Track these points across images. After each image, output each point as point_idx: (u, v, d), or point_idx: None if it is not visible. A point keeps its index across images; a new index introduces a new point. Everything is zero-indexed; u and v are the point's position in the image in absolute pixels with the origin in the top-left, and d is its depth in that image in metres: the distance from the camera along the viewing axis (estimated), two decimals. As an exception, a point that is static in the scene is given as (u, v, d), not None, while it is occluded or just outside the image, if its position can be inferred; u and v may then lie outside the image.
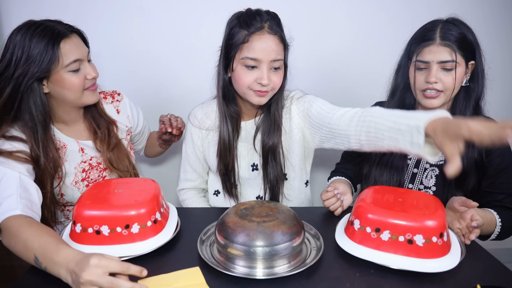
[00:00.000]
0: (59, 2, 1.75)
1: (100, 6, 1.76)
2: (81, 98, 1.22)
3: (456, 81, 1.19)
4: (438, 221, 0.91)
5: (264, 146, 1.32)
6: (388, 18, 1.86)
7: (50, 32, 1.12)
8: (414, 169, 1.33)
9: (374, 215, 0.94)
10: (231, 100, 1.33)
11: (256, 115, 1.38)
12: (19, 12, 1.76)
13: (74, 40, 1.17)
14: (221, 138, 1.34)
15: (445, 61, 1.18)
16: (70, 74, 1.16)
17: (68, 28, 1.18)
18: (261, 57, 1.18)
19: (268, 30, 1.18)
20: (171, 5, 1.77)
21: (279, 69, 1.23)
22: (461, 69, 1.19)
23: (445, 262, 0.90)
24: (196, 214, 1.24)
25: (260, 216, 0.93)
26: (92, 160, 1.32)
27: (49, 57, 1.11)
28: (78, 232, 0.96)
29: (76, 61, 1.16)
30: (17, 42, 1.11)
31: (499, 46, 1.91)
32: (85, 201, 0.99)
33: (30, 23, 1.15)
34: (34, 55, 1.10)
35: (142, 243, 0.97)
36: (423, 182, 1.31)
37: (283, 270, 0.89)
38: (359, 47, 1.90)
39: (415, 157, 1.33)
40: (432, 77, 1.19)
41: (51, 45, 1.11)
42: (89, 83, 1.22)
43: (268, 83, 1.20)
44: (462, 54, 1.18)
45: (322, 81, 1.95)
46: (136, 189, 1.06)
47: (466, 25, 1.21)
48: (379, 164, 1.34)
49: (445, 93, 1.21)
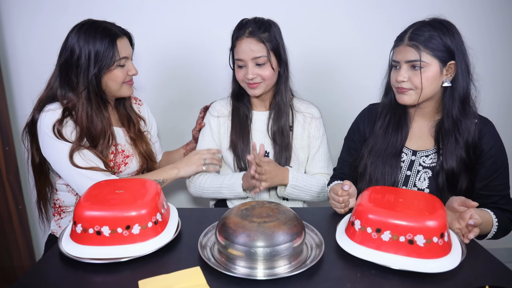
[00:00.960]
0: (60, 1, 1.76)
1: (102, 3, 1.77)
2: (120, 90, 1.40)
3: (426, 80, 1.21)
4: (438, 222, 0.91)
5: (273, 129, 1.53)
6: (388, 18, 1.86)
7: (109, 32, 1.32)
8: (407, 171, 1.33)
9: (374, 215, 0.94)
10: (241, 95, 1.56)
11: (269, 109, 1.56)
12: (20, 10, 1.77)
13: (125, 41, 1.38)
14: (234, 121, 1.54)
15: (411, 60, 1.22)
16: (118, 68, 1.35)
17: (121, 30, 1.38)
18: (243, 57, 1.42)
19: (247, 35, 1.41)
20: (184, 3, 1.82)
21: (264, 64, 1.43)
22: (432, 68, 1.21)
23: (446, 262, 0.90)
24: (197, 214, 1.24)
25: (261, 217, 0.93)
26: (118, 147, 1.43)
27: (112, 53, 1.31)
28: (78, 232, 0.96)
29: (124, 58, 1.35)
30: (83, 39, 1.29)
31: (491, 46, 1.92)
32: (86, 202, 0.99)
33: (91, 22, 1.34)
34: (101, 52, 1.30)
35: (143, 244, 0.97)
36: (416, 184, 1.31)
37: (284, 271, 0.89)
38: (359, 47, 1.91)
39: (408, 160, 1.34)
40: (400, 76, 1.24)
41: (111, 43, 1.31)
42: (129, 78, 1.41)
43: (253, 77, 1.42)
44: (432, 54, 1.20)
45: (322, 81, 1.95)
46: (137, 190, 1.06)
47: (443, 26, 1.22)
48: (374, 163, 1.35)
49: (416, 91, 1.24)
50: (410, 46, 1.21)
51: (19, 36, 1.80)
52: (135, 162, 1.48)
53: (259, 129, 1.55)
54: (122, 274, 0.90)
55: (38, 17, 1.78)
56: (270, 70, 1.44)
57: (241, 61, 1.43)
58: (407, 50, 1.22)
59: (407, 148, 1.35)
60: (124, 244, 0.96)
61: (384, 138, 1.36)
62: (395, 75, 1.27)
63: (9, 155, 1.83)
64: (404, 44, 1.23)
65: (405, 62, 1.23)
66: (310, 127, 1.56)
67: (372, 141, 1.38)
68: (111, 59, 1.31)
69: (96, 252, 0.94)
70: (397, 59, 1.26)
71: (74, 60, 1.30)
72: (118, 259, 0.93)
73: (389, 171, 1.33)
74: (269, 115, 1.54)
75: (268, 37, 1.41)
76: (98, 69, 1.30)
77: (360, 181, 1.39)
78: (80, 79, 1.31)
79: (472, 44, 1.27)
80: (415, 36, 1.22)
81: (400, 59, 1.24)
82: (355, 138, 1.47)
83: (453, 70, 1.24)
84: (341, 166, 1.51)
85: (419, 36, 1.21)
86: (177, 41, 1.86)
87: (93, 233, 0.95)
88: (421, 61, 1.20)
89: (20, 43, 1.81)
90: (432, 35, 1.20)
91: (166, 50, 1.87)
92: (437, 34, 1.21)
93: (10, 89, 1.87)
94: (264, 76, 1.43)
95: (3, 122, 1.80)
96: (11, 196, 1.88)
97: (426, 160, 1.31)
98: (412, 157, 1.33)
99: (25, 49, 1.82)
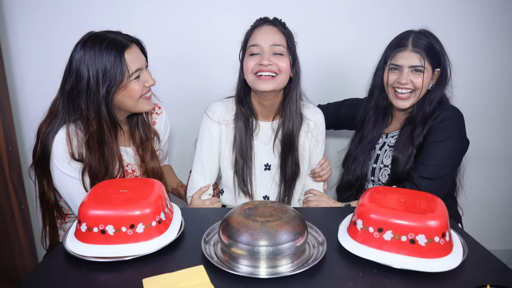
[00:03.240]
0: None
1: (105, 6, 1.79)
2: (137, 105, 1.28)
3: (423, 84, 1.37)
4: (440, 221, 0.92)
5: (281, 140, 1.41)
6: (390, 20, 1.88)
7: (115, 45, 1.18)
8: (379, 151, 1.52)
9: (376, 215, 0.95)
10: (246, 101, 1.42)
11: (274, 119, 1.44)
12: (23, 11, 1.78)
13: (134, 50, 1.24)
14: (236, 134, 1.40)
15: (415, 65, 1.36)
16: (133, 83, 1.23)
17: (128, 39, 1.24)
18: (261, 42, 1.30)
19: (267, 23, 1.34)
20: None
21: (282, 55, 1.32)
22: (427, 74, 1.38)
23: (447, 262, 0.91)
24: (200, 214, 1.25)
25: (264, 216, 0.94)
26: (128, 167, 1.36)
27: (120, 69, 1.17)
28: (83, 231, 0.97)
29: (137, 70, 1.23)
30: (88, 57, 1.17)
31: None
32: (91, 201, 1.00)
33: (94, 36, 1.20)
34: (109, 68, 1.16)
35: (147, 242, 0.98)
36: (383, 162, 1.49)
37: (287, 270, 0.90)
38: (361, 49, 1.92)
39: (382, 142, 1.53)
40: (403, 79, 1.37)
41: (118, 58, 1.17)
42: (146, 90, 1.28)
43: (269, 63, 1.29)
44: (430, 61, 1.36)
45: (325, 83, 1.97)
46: (141, 189, 1.07)
47: (434, 36, 1.41)
48: (351, 156, 1.57)
49: (415, 93, 1.40)
50: (415, 52, 1.35)
51: (22, 37, 1.82)
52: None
53: (263, 141, 1.44)
54: (126, 272, 0.91)
55: (41, 18, 1.79)
56: (287, 62, 1.31)
57: (256, 47, 1.30)
58: (411, 56, 1.35)
59: (384, 133, 1.55)
60: (128, 243, 0.97)
61: (366, 133, 1.55)
62: (395, 76, 1.39)
63: (12, 156, 1.84)
64: (408, 50, 1.36)
65: (409, 66, 1.36)
66: (313, 136, 1.46)
67: (358, 137, 1.58)
68: (120, 75, 1.18)
69: (101, 250, 0.95)
70: (399, 64, 1.38)
71: (83, 85, 1.18)
72: (122, 258, 0.94)
73: (359, 164, 1.54)
74: (274, 125, 1.43)
75: (288, 34, 1.35)
76: (107, 89, 1.18)
77: (344, 172, 1.62)
78: (90, 104, 1.19)
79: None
80: (418, 43, 1.36)
81: (403, 64, 1.37)
82: (346, 104, 1.74)
83: (436, 76, 1.41)
84: (325, 109, 1.71)
85: (421, 43, 1.35)
86: (181, 42, 1.87)
87: (97, 232, 0.96)
88: (424, 67, 1.35)
89: (23, 43, 1.82)
90: (430, 43, 1.36)
91: (170, 51, 1.88)
92: (432, 43, 1.37)
93: (13, 89, 1.88)
94: (281, 67, 1.30)
95: (6, 123, 1.81)
96: (14, 196, 1.89)
97: (392, 140, 1.49)
98: (385, 139, 1.51)
99: (28, 50, 1.83)
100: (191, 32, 1.86)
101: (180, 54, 1.88)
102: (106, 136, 1.24)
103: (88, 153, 1.23)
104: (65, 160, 1.22)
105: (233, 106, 1.44)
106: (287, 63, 1.31)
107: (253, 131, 1.42)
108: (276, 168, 1.44)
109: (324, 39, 1.90)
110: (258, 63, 1.30)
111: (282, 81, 1.33)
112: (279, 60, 1.30)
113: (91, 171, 1.24)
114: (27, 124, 1.37)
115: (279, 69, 1.30)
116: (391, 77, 1.41)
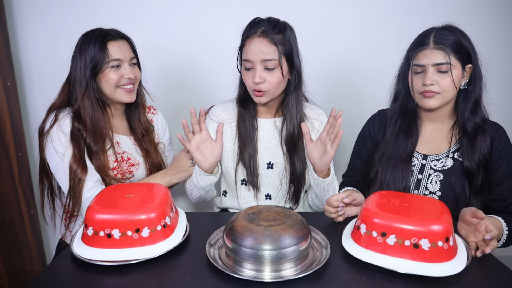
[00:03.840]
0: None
1: (110, 11, 1.82)
2: (115, 93, 1.39)
3: (455, 83, 1.24)
4: (444, 226, 0.92)
5: (285, 136, 1.43)
6: (394, 24, 1.88)
7: (101, 35, 1.35)
8: (419, 175, 1.34)
9: (380, 219, 0.95)
10: (247, 101, 1.45)
11: (275, 116, 1.46)
12: (32, 16, 1.81)
13: (120, 44, 1.38)
14: (240, 130, 1.43)
15: (439, 63, 1.23)
16: (109, 70, 1.36)
17: (118, 34, 1.39)
18: (252, 58, 1.31)
19: (258, 34, 1.30)
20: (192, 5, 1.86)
21: (274, 69, 1.31)
22: (456, 71, 1.24)
23: (451, 267, 0.91)
24: (205, 218, 1.26)
25: (268, 220, 0.94)
26: (124, 154, 1.45)
27: (101, 55, 1.33)
28: (89, 235, 0.99)
29: (115, 60, 1.36)
30: (81, 47, 1.35)
31: (496, 50, 1.93)
32: (97, 205, 1.01)
33: (92, 30, 1.38)
34: (94, 55, 1.33)
35: (152, 246, 0.99)
36: (428, 187, 1.32)
37: (290, 273, 0.90)
38: (365, 54, 1.92)
39: (419, 164, 1.35)
40: (428, 79, 1.24)
41: (100, 45, 1.33)
42: (124, 81, 1.39)
43: (260, 81, 1.30)
44: (456, 57, 1.23)
45: (330, 88, 1.97)
46: (146, 193, 1.08)
47: (460, 30, 1.27)
48: (384, 168, 1.36)
49: (442, 95, 1.25)
50: (438, 49, 1.23)
51: (32, 43, 1.85)
52: (142, 172, 1.48)
53: (265, 138, 1.45)
54: (131, 276, 0.92)
55: (50, 24, 1.83)
56: (278, 76, 1.32)
57: (248, 62, 1.32)
58: (434, 53, 1.24)
59: (417, 152, 1.36)
60: (133, 246, 0.98)
61: (395, 144, 1.37)
62: (420, 79, 1.27)
63: (22, 161, 1.87)
64: (430, 48, 1.25)
65: (432, 65, 1.24)
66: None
67: (384, 147, 1.39)
68: (102, 61, 1.33)
69: (107, 254, 0.97)
70: (422, 63, 1.26)
71: (76, 69, 1.35)
72: (128, 262, 0.95)
73: (400, 176, 1.34)
74: (276, 122, 1.45)
75: (281, 40, 1.31)
76: (91, 72, 1.34)
77: (372, 187, 1.40)
78: (82, 86, 1.35)
79: (480, 50, 1.29)
80: (440, 40, 1.24)
81: (426, 63, 1.24)
82: (367, 144, 1.48)
83: (468, 74, 1.28)
84: (352, 174, 1.51)
85: (445, 40, 1.24)
86: (184, 46, 1.89)
87: (103, 236, 0.98)
88: (451, 64, 1.23)
89: (32, 50, 1.86)
90: (454, 38, 1.24)
91: (173, 55, 1.90)
92: (458, 38, 1.24)
93: (23, 95, 1.91)
94: (271, 82, 1.32)
95: (16, 129, 1.84)
96: (24, 201, 1.91)
97: (437, 164, 1.33)
98: (423, 161, 1.35)
99: (38, 56, 1.87)
100: (193, 37, 1.88)
101: (186, 58, 1.90)
102: (97, 111, 1.37)
103: (80, 126, 1.35)
104: (58, 137, 1.34)
105: (234, 106, 1.48)
106: (278, 77, 1.32)
107: (256, 127, 1.44)
108: (281, 167, 1.44)
109: (328, 44, 1.90)
110: (252, 80, 1.33)
111: (274, 94, 1.36)
112: (270, 76, 1.31)
113: (84, 144, 1.36)
114: (37, 130, 1.42)
115: (269, 86, 1.32)
116: (416, 81, 1.28)
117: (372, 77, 1.93)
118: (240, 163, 1.43)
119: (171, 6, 1.84)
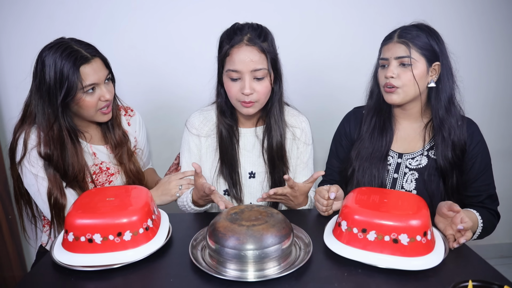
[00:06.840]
0: (46, 10, 1.76)
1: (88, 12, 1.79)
2: (94, 116, 1.33)
3: (415, 78, 1.25)
4: (422, 221, 0.94)
5: (267, 146, 1.39)
6: (374, 21, 1.90)
7: (74, 57, 1.22)
8: (394, 174, 1.36)
9: (360, 216, 0.97)
10: (228, 111, 1.39)
11: (257, 125, 1.43)
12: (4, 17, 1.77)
13: (94, 65, 1.26)
14: (220, 142, 1.39)
15: (400, 56, 1.25)
16: (86, 95, 1.26)
17: (91, 53, 1.27)
18: (240, 68, 1.24)
19: (246, 42, 1.24)
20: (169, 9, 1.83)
21: (263, 79, 1.27)
22: (420, 66, 1.25)
23: (429, 260, 0.93)
24: (187, 219, 1.25)
25: (250, 220, 0.95)
26: (102, 165, 1.41)
27: (74, 82, 1.21)
28: (70, 241, 0.97)
29: (91, 85, 1.26)
30: (50, 63, 1.22)
31: (474, 50, 1.99)
32: (77, 210, 1.00)
33: (60, 43, 1.25)
34: (65, 79, 1.21)
35: (135, 250, 0.98)
36: (403, 186, 1.35)
37: (274, 272, 0.91)
38: (345, 50, 1.94)
39: (395, 162, 1.37)
40: (389, 72, 1.26)
41: (73, 70, 1.21)
42: (103, 104, 1.31)
43: (250, 92, 1.25)
44: (420, 52, 1.25)
45: (310, 85, 1.98)
46: (127, 197, 1.07)
47: (429, 28, 1.29)
48: (361, 166, 1.38)
49: (403, 89, 1.27)
50: (400, 43, 1.26)
51: (4, 43, 1.80)
52: (120, 181, 1.45)
53: (246, 148, 1.42)
54: (114, 280, 0.92)
55: (23, 25, 1.78)
56: (267, 86, 1.28)
57: (235, 73, 1.25)
58: (396, 46, 1.26)
59: (393, 151, 1.38)
60: (116, 251, 0.97)
61: (370, 142, 1.39)
62: (383, 73, 1.29)
63: (-2, 166, 1.83)
64: (393, 41, 1.27)
65: (395, 58, 1.26)
66: (299, 143, 1.43)
67: (359, 145, 1.41)
68: (75, 87, 1.22)
69: (88, 259, 0.96)
70: (386, 56, 1.28)
71: (45, 88, 1.23)
72: (110, 266, 0.94)
73: (376, 174, 1.36)
74: (257, 131, 1.41)
75: (268, 47, 1.26)
76: (62, 98, 1.22)
77: (349, 185, 1.41)
78: (50, 109, 1.24)
79: (455, 48, 1.32)
80: (404, 34, 1.26)
81: (389, 56, 1.27)
82: (342, 143, 1.49)
83: (437, 72, 1.29)
84: (330, 172, 1.52)
85: (408, 34, 1.26)
86: (165, 47, 1.87)
87: (84, 241, 0.96)
88: (411, 57, 1.24)
89: (5, 51, 1.81)
90: (420, 35, 1.26)
91: (154, 56, 1.88)
92: (424, 35, 1.26)
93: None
94: (261, 93, 1.27)
95: (-9, 133, 1.79)
96: (1, 206, 1.87)
97: (412, 162, 1.35)
98: (398, 159, 1.37)
99: (10, 58, 1.82)
100: (172, 39, 1.87)
101: (167, 59, 1.89)
102: (66, 142, 1.29)
103: (52, 155, 1.27)
104: (33, 160, 1.27)
105: (212, 115, 1.42)
106: (267, 87, 1.29)
107: (237, 138, 1.41)
108: (263, 176, 1.42)
109: (307, 40, 1.91)
110: (240, 91, 1.26)
111: (262, 104, 1.32)
112: (261, 86, 1.27)
113: (57, 170, 1.29)
114: (9, 131, 1.37)
115: (258, 97, 1.28)
116: (381, 75, 1.31)
117: (352, 73, 1.95)
118: (221, 176, 1.41)
119: (149, 5, 1.82)
